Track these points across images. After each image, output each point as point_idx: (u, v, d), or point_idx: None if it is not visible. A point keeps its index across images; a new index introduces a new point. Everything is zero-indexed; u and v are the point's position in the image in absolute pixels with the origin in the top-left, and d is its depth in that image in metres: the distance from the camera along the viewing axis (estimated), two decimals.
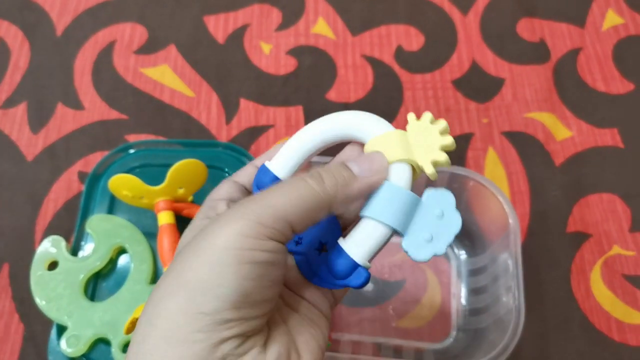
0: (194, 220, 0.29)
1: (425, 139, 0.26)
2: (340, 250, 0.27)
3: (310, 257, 0.28)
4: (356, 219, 0.28)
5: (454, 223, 0.26)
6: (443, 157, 0.26)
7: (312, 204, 0.25)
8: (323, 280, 0.28)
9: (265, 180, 0.29)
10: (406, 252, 0.26)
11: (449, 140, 0.26)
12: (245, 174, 0.31)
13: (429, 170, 0.26)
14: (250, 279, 0.23)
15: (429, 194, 0.27)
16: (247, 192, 0.31)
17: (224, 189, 0.30)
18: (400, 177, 0.26)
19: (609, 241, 0.52)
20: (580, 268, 0.51)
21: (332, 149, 0.30)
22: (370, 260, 0.27)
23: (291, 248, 0.29)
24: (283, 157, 0.29)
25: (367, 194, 0.26)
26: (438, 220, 0.26)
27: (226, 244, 0.23)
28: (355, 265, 0.26)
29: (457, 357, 0.46)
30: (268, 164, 0.29)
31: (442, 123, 0.27)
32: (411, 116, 0.28)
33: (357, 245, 0.26)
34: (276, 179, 0.29)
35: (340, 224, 0.29)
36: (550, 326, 0.49)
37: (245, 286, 0.23)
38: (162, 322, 0.23)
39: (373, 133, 0.28)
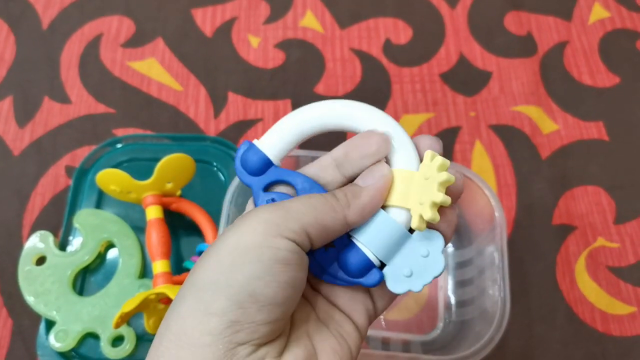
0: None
1: (424, 189, 0.25)
2: (357, 249, 0.26)
3: (317, 252, 0.27)
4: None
5: (437, 266, 0.26)
6: (435, 216, 0.25)
7: (326, 214, 0.25)
8: (332, 276, 0.27)
9: (253, 158, 0.28)
10: (384, 279, 0.26)
11: (444, 198, 0.25)
12: None
13: (415, 224, 0.26)
14: (257, 277, 0.23)
15: (421, 232, 0.26)
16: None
17: None
18: (400, 216, 0.26)
19: (593, 233, 0.53)
20: (565, 260, 0.52)
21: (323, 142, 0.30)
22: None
23: None
24: (275, 136, 0.28)
25: (380, 201, 0.26)
26: (422, 258, 0.26)
27: (236, 244, 0.23)
28: (371, 265, 0.26)
29: (443, 349, 0.46)
30: (257, 142, 0.28)
31: (444, 176, 0.25)
32: (427, 156, 0.26)
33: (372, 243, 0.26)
34: (265, 158, 0.28)
35: None
36: (535, 317, 0.50)
37: (252, 285, 0.23)
38: (174, 324, 0.23)
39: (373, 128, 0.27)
